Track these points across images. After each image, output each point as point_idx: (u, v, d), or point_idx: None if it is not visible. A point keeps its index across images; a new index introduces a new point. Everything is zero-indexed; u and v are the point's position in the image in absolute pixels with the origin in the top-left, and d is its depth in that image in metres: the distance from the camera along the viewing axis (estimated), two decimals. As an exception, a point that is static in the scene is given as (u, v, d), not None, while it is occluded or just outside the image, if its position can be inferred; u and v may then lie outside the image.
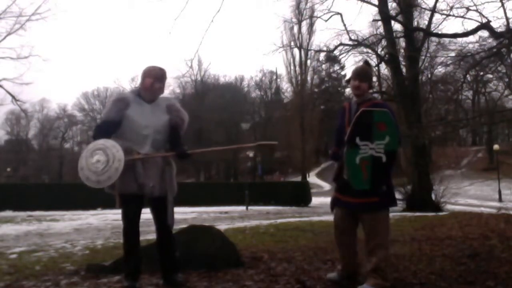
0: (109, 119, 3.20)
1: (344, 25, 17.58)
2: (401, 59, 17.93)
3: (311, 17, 23.86)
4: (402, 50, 18.69)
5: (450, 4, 11.14)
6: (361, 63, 3.45)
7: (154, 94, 3.31)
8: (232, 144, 47.83)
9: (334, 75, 50.12)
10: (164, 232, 3.30)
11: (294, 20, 29.85)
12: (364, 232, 3.17)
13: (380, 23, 17.95)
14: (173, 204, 3.24)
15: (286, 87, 52.46)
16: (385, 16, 16.41)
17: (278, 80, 53.99)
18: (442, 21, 15.88)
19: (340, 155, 3.25)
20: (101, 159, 2.99)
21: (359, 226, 3.24)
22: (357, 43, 17.88)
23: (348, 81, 3.36)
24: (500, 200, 25.30)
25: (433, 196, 16.04)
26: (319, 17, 18.95)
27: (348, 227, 3.24)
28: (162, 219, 3.25)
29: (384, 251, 3.07)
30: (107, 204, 15.19)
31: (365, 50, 19.77)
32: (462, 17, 9.47)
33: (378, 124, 2.99)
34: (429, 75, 21.47)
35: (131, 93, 3.37)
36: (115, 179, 3.00)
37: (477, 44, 9.77)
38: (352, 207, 3.16)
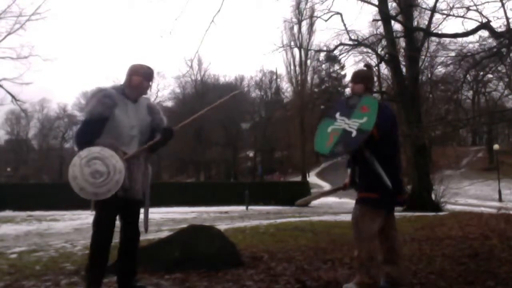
0: (96, 117, 2.93)
1: (344, 25, 17.62)
2: (401, 59, 17.94)
3: (311, 17, 23.83)
4: (402, 50, 18.71)
5: (450, 4, 11.19)
6: (361, 64, 3.52)
7: (141, 93, 3.16)
8: (232, 143, 47.92)
9: (334, 75, 50.07)
10: (134, 237, 3.14)
11: (294, 20, 29.91)
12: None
13: (380, 23, 17.97)
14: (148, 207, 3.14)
15: (286, 87, 52.44)
16: (385, 16, 16.42)
17: (278, 80, 53.96)
18: (442, 21, 15.92)
19: (351, 162, 3.34)
20: (100, 169, 2.77)
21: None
22: (357, 43, 17.88)
23: None
24: (500, 200, 25.29)
25: (433, 196, 16.06)
26: (319, 17, 18.96)
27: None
28: (136, 223, 3.12)
29: (367, 244, 3.05)
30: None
31: (365, 50, 19.83)
32: (462, 17, 9.48)
33: (363, 106, 3.08)
34: (429, 75, 21.44)
35: (114, 90, 3.09)
36: (114, 192, 2.82)
37: (477, 44, 9.78)
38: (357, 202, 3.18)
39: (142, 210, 3.19)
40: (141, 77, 3.09)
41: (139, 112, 3.13)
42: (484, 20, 8.79)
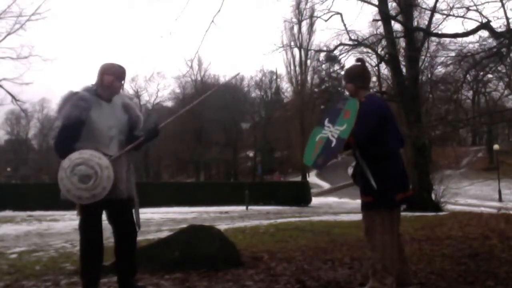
0: (73, 121, 2.88)
1: (344, 25, 17.58)
2: (401, 59, 17.92)
3: (311, 17, 23.81)
4: (402, 50, 18.69)
5: (450, 4, 11.18)
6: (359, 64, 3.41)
7: (114, 92, 3.11)
8: (232, 143, 47.89)
9: (334, 75, 50.05)
10: (130, 236, 3.12)
11: (294, 20, 29.88)
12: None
13: (380, 23, 17.96)
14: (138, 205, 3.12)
15: (286, 87, 52.42)
16: (385, 16, 16.41)
17: (278, 80, 53.91)
18: (442, 21, 15.92)
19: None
20: (87, 173, 2.76)
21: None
22: (357, 43, 17.87)
23: None
24: (500, 200, 25.31)
25: (433, 196, 16.06)
26: (319, 17, 18.93)
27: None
28: (129, 222, 3.09)
29: (379, 253, 2.93)
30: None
31: (365, 50, 19.80)
32: (462, 17, 9.48)
33: (346, 111, 3.01)
34: (429, 75, 21.45)
35: (86, 92, 3.04)
36: (110, 188, 2.83)
37: (477, 44, 9.78)
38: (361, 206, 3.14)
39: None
40: (112, 76, 3.06)
41: (115, 111, 3.10)
42: (484, 20, 8.80)
